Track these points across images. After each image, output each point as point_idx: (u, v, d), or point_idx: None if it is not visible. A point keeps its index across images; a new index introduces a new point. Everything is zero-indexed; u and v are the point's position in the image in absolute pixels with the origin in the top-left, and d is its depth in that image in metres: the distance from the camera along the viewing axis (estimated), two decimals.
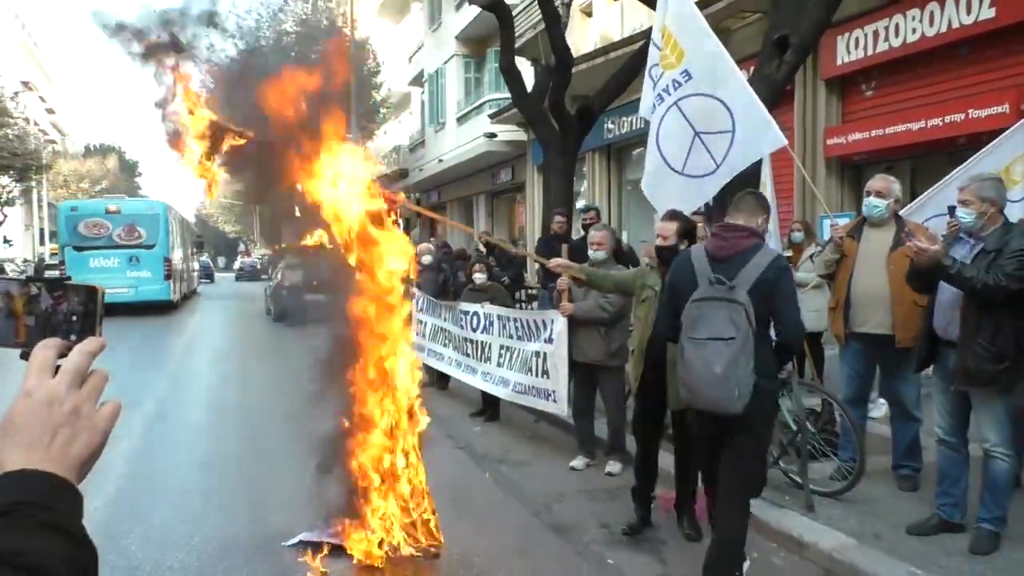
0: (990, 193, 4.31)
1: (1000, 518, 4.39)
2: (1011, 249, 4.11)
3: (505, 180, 24.61)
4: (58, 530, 0.80)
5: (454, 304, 8.55)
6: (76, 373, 0.89)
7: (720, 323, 3.66)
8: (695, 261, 3.91)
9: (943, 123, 9.74)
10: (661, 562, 4.65)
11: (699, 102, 6.06)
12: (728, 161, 5.96)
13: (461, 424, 8.26)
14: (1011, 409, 4.33)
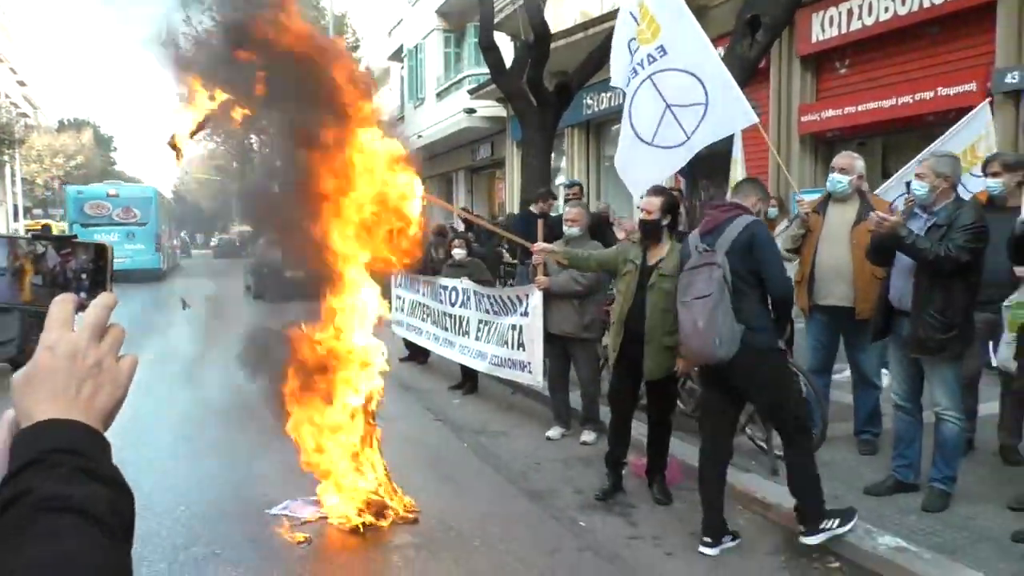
0: (944, 169, 4.48)
1: (950, 478, 4.62)
2: (961, 223, 4.29)
3: (485, 156, 24.65)
4: (96, 476, 0.81)
5: (432, 279, 8.68)
6: (96, 327, 0.90)
7: (701, 284, 4.20)
8: (691, 240, 4.47)
9: (913, 100, 9.96)
10: (631, 525, 4.84)
11: (673, 77, 6.18)
12: (698, 134, 6.10)
13: (440, 397, 8.42)
14: (960, 375, 4.55)
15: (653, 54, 6.28)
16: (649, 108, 6.34)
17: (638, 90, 6.38)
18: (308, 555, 4.39)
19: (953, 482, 4.63)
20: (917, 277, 4.46)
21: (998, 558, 3.93)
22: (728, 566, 4.24)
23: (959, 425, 4.56)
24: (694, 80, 6.08)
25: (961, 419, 4.57)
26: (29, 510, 0.75)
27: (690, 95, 6.11)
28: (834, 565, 4.22)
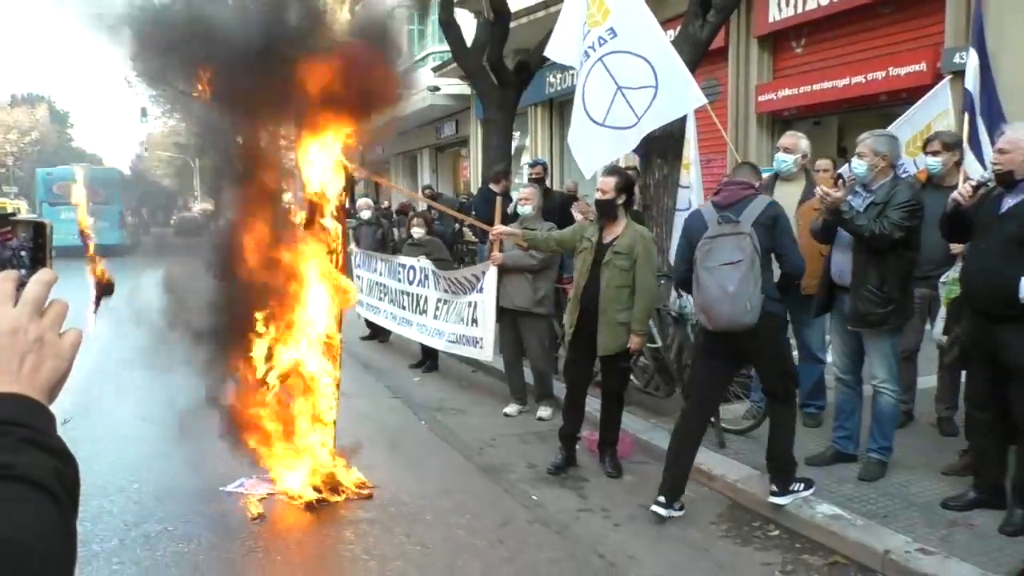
0: (883, 148, 4.61)
1: (886, 448, 4.79)
2: (897, 201, 4.43)
3: (449, 134, 24.56)
4: (40, 446, 0.82)
5: (390, 257, 8.71)
6: (36, 302, 0.90)
7: (728, 251, 4.28)
8: (704, 213, 4.60)
9: (866, 80, 10.13)
10: (582, 497, 4.96)
11: (623, 59, 6.25)
12: (649, 116, 6.18)
13: (400, 375, 8.48)
14: (897, 348, 4.72)
15: (604, 36, 6.34)
16: (600, 90, 6.40)
17: (590, 72, 6.44)
18: (261, 531, 4.44)
19: (889, 452, 4.80)
20: (856, 253, 4.60)
21: (926, 523, 4.11)
22: (672, 536, 4.37)
23: (894, 397, 4.72)
24: (644, 63, 6.16)
25: (897, 391, 4.74)
26: None
27: (640, 78, 6.18)
28: (774, 533, 4.38)
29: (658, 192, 7.12)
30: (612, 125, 6.34)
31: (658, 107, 6.15)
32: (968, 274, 4.15)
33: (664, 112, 6.22)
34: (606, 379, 5.41)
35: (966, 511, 4.20)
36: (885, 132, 4.87)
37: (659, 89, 6.11)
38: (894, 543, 3.92)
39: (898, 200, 4.41)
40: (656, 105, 6.14)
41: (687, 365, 6.20)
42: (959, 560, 3.70)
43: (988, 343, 4.01)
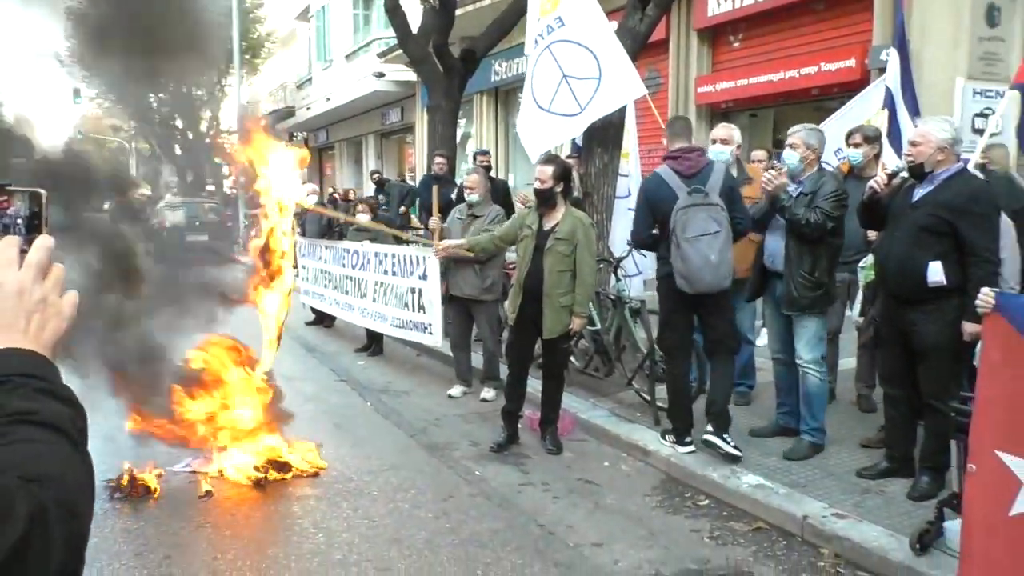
0: (813, 141, 4.87)
1: (818, 429, 4.99)
2: (826, 192, 4.69)
3: (395, 121, 24.45)
4: (55, 395, 0.88)
5: (334, 243, 8.77)
6: (40, 266, 0.95)
7: (703, 222, 4.71)
8: (667, 179, 4.91)
9: (800, 75, 10.50)
10: (523, 472, 5.15)
11: (569, 48, 6.44)
12: (592, 106, 6.39)
13: (345, 359, 8.56)
14: (823, 330, 4.98)
15: (552, 24, 6.52)
16: (547, 76, 6.58)
17: (539, 59, 6.61)
18: (210, 507, 4.53)
19: (822, 433, 5.00)
20: (789, 241, 4.85)
21: (842, 491, 4.41)
22: (608, 507, 4.60)
23: (819, 377, 4.95)
24: (589, 54, 6.36)
25: (822, 371, 4.98)
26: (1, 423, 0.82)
27: (585, 68, 6.38)
28: (703, 502, 4.63)
29: (599, 180, 7.32)
30: (557, 112, 6.53)
31: (601, 99, 6.36)
32: (881, 259, 4.44)
33: (606, 103, 6.43)
34: (547, 360, 5.61)
35: (878, 479, 4.51)
36: (815, 126, 5.11)
37: (602, 81, 6.32)
38: (812, 509, 4.20)
39: (826, 191, 4.68)
40: (599, 97, 6.35)
41: (625, 347, 6.45)
42: (870, 523, 4.00)
43: (900, 324, 4.30)
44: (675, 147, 5.16)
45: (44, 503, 0.74)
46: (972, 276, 3.97)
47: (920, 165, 4.15)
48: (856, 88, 8.60)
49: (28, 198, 1.03)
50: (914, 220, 4.17)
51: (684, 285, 4.83)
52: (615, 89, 6.44)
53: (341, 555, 3.93)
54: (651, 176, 5.21)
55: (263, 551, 3.99)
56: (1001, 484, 2.75)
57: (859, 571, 3.72)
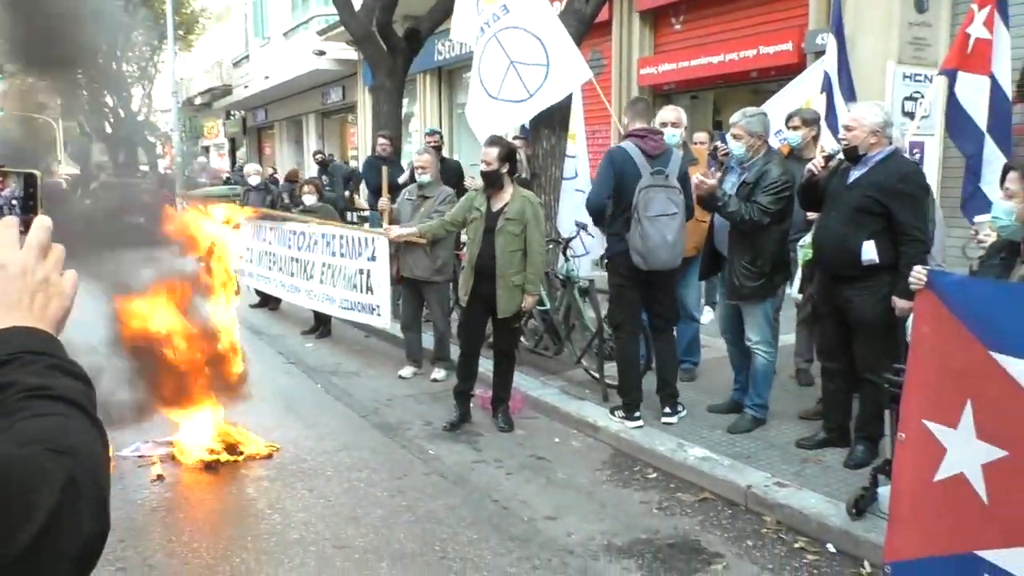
0: (757, 128, 4.92)
1: (761, 405, 5.17)
2: (767, 181, 4.76)
3: (336, 100, 24.12)
4: (66, 371, 0.89)
5: (278, 224, 8.68)
6: (41, 246, 0.96)
7: (663, 203, 4.95)
8: (634, 156, 5.06)
9: (739, 58, 10.71)
10: (476, 450, 5.24)
11: (515, 34, 6.49)
12: (541, 93, 6.46)
13: (293, 341, 8.52)
14: (769, 313, 5.08)
15: (497, 13, 6.57)
16: (495, 63, 6.62)
17: (486, 47, 6.64)
18: (162, 491, 4.51)
19: (764, 409, 5.18)
20: (731, 232, 4.96)
21: (783, 461, 4.61)
22: (560, 481, 4.72)
23: (767, 357, 5.06)
24: (536, 41, 6.42)
25: (770, 352, 5.08)
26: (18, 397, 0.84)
27: (532, 55, 6.45)
28: (652, 475, 4.79)
29: (546, 162, 7.41)
30: (505, 99, 6.58)
31: (550, 86, 6.45)
32: (818, 239, 4.62)
33: (555, 90, 6.51)
34: (499, 339, 5.69)
35: (817, 449, 4.73)
36: (757, 110, 5.15)
37: (550, 68, 6.40)
38: (755, 479, 4.39)
39: (767, 180, 4.74)
40: (548, 84, 6.43)
41: (574, 325, 6.57)
42: (810, 491, 4.20)
43: (835, 301, 4.50)
44: (637, 126, 5.30)
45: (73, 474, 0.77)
46: (903, 255, 4.16)
47: (854, 148, 4.32)
48: (793, 71, 8.83)
49: (22, 179, 1.04)
50: (849, 201, 4.35)
51: (640, 262, 5.01)
52: (563, 75, 6.52)
53: (298, 535, 3.97)
54: (617, 149, 5.27)
55: (219, 533, 4.00)
56: (928, 451, 2.93)
57: (799, 536, 3.91)
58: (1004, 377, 2.62)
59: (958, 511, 2.82)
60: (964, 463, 2.80)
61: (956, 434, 2.83)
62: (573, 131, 7.80)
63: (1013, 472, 2.63)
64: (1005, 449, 2.65)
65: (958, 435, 2.82)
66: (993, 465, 2.69)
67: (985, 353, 2.70)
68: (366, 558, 3.74)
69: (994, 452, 2.68)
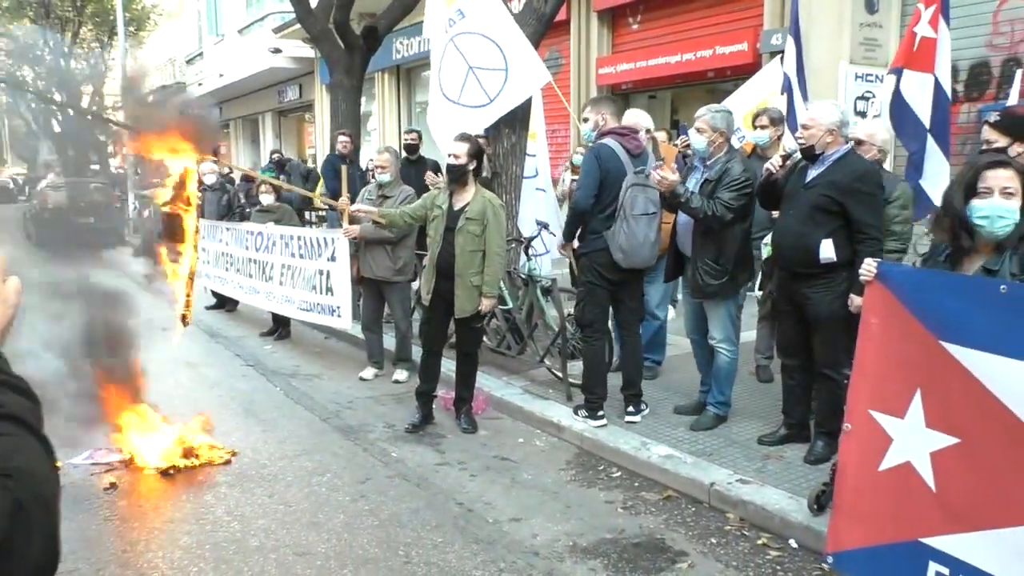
0: (720, 124, 4.90)
1: (722, 403, 5.20)
2: (729, 178, 4.77)
3: (293, 98, 23.83)
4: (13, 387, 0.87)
5: (236, 225, 8.53)
6: None
7: (644, 203, 5.02)
8: (620, 154, 5.10)
9: (696, 57, 10.81)
10: (440, 452, 5.19)
11: (472, 39, 6.47)
12: (501, 98, 6.46)
13: (251, 343, 8.37)
14: (731, 311, 5.08)
15: (453, 17, 6.55)
16: (454, 69, 6.60)
17: (444, 52, 6.61)
18: (116, 500, 4.38)
19: (727, 406, 5.21)
20: (693, 230, 4.97)
21: (745, 458, 4.65)
22: (525, 482, 4.69)
23: (729, 355, 5.06)
24: (493, 46, 6.40)
25: (732, 350, 5.08)
26: None
27: (491, 59, 6.43)
28: (616, 474, 4.79)
29: (507, 160, 7.38)
30: (466, 104, 6.55)
31: (509, 90, 6.45)
32: (777, 237, 4.66)
33: (515, 95, 6.52)
34: (460, 339, 5.64)
35: (778, 445, 4.78)
36: (721, 107, 5.14)
37: (509, 72, 6.39)
38: (718, 476, 4.41)
39: (730, 177, 4.75)
40: (508, 88, 6.43)
41: (537, 325, 6.55)
42: (772, 487, 4.24)
43: (795, 298, 4.54)
44: (615, 125, 5.33)
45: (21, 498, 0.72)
46: (860, 252, 4.20)
47: (811, 147, 4.36)
48: (749, 71, 8.95)
49: None
50: (807, 200, 4.39)
51: (622, 259, 5.06)
52: (522, 79, 6.52)
53: (258, 542, 3.89)
54: (601, 146, 5.21)
55: (175, 542, 3.90)
56: (873, 441, 2.97)
57: (763, 533, 3.94)
58: (956, 366, 2.67)
59: (903, 500, 2.86)
60: (911, 452, 2.84)
61: (903, 423, 2.87)
62: (533, 130, 7.80)
63: (964, 458, 2.67)
64: (957, 436, 2.69)
65: (905, 424, 2.86)
66: (943, 452, 2.74)
67: (936, 343, 2.74)
68: (328, 565, 3.68)
69: (945, 440, 2.73)
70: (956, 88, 8.02)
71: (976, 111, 8.18)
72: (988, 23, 8.16)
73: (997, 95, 7.74)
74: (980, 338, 2.58)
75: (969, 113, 8.30)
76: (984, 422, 2.57)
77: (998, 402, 2.52)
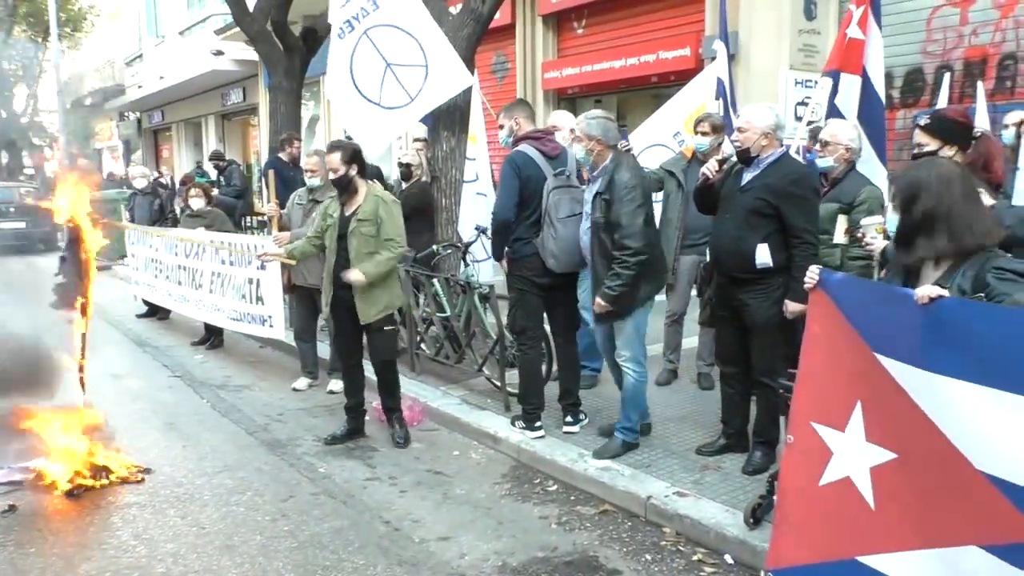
0: (595, 132, 4.58)
1: (629, 428, 4.76)
2: (618, 192, 4.42)
3: (237, 101, 23.31)
4: None
5: (166, 231, 8.20)
6: None
7: (570, 204, 4.83)
8: (536, 159, 4.98)
9: (639, 62, 10.78)
10: (370, 467, 4.97)
11: (389, 33, 6.20)
12: (423, 97, 6.20)
13: (181, 353, 8.04)
14: (641, 327, 4.73)
15: (366, 7, 6.25)
16: (370, 66, 6.30)
17: (357, 46, 6.30)
18: (12, 523, 4.08)
19: (632, 432, 4.79)
20: (591, 254, 4.66)
21: (683, 469, 4.52)
22: (457, 497, 4.50)
23: (636, 377, 4.68)
24: (411, 40, 6.15)
25: (639, 371, 4.69)
26: None
27: (409, 56, 6.16)
28: (552, 488, 4.63)
29: (446, 164, 7.20)
30: (387, 105, 6.30)
31: (431, 88, 6.20)
32: (714, 242, 4.56)
33: (436, 94, 6.28)
34: (371, 347, 5.35)
35: (716, 455, 4.67)
36: (599, 113, 4.79)
37: (429, 68, 6.14)
38: (655, 489, 4.28)
39: (619, 189, 4.43)
40: (428, 86, 6.18)
41: (475, 332, 6.37)
42: (709, 499, 4.11)
43: (732, 304, 4.44)
44: (530, 128, 5.15)
45: None
46: (795, 257, 4.13)
47: (747, 150, 4.27)
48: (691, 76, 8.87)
49: None
50: (742, 203, 4.29)
51: (555, 264, 4.89)
52: (443, 79, 6.28)
53: (164, 568, 3.63)
54: (517, 154, 5.03)
55: (73, 569, 3.61)
56: (815, 454, 2.86)
57: (698, 548, 3.81)
58: (889, 380, 2.56)
59: (842, 516, 2.75)
60: (851, 466, 2.73)
61: (844, 437, 2.76)
62: (473, 133, 7.63)
63: (901, 475, 2.57)
64: (895, 452, 2.59)
65: (846, 438, 2.75)
66: (882, 468, 2.63)
67: (871, 354, 2.63)
68: None
69: (884, 455, 2.62)
70: (892, 94, 8.10)
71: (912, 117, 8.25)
72: (922, 30, 8.26)
73: (931, 101, 7.80)
74: (906, 351, 2.48)
75: (905, 119, 8.38)
76: (916, 437, 2.47)
77: (926, 417, 2.41)
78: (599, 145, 4.59)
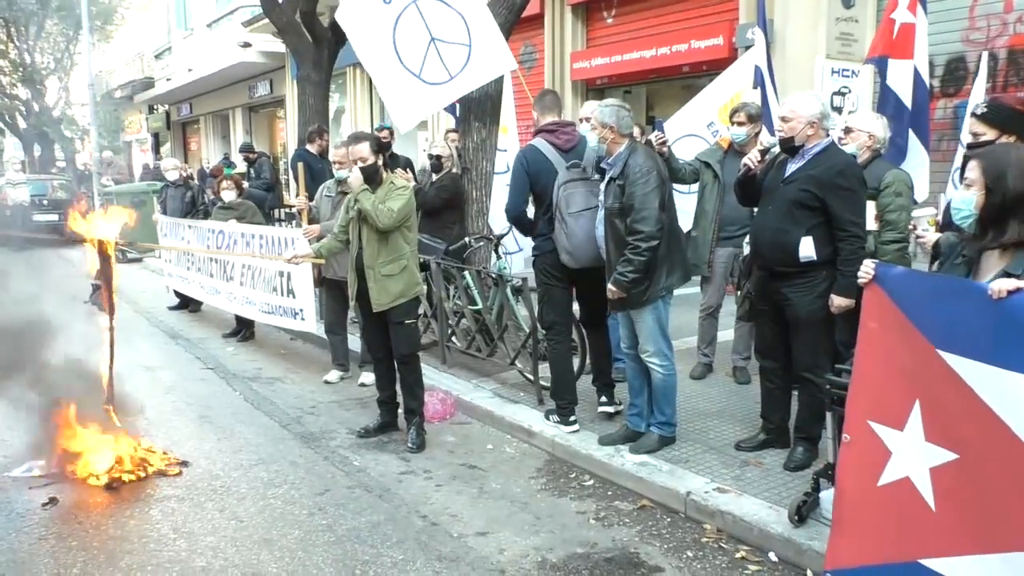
0: (608, 119, 4.48)
1: (665, 423, 4.67)
2: (632, 175, 4.34)
3: (264, 93, 23.42)
4: None
5: (198, 223, 8.23)
6: None
7: (584, 197, 4.69)
8: (547, 153, 4.93)
9: (671, 52, 10.64)
10: (404, 461, 4.95)
11: (437, 7, 6.12)
12: (463, 77, 6.12)
13: (213, 345, 8.07)
14: (662, 319, 4.63)
15: None
16: (415, 38, 6.19)
17: (402, 14, 6.19)
18: (54, 516, 4.09)
19: (671, 427, 4.72)
20: (606, 243, 4.57)
21: (723, 464, 4.45)
22: (493, 492, 4.47)
23: (662, 371, 4.57)
24: (459, 17, 6.08)
25: (665, 365, 4.58)
26: None
27: (454, 33, 6.09)
28: (588, 483, 4.57)
29: (477, 155, 7.15)
30: (427, 80, 6.22)
31: (472, 69, 6.11)
32: (755, 234, 4.46)
33: (477, 75, 6.20)
34: (392, 343, 5.21)
35: (756, 451, 4.58)
36: (613, 102, 4.67)
37: (472, 49, 6.06)
38: (695, 485, 4.21)
39: (632, 177, 4.34)
40: (470, 67, 6.10)
41: (507, 325, 6.32)
42: (750, 496, 4.04)
43: (773, 297, 4.34)
44: (547, 121, 5.07)
45: None
46: (840, 251, 4.04)
47: (791, 139, 4.16)
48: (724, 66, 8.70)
49: None
50: (786, 195, 4.19)
51: (569, 260, 4.80)
52: (486, 60, 6.20)
53: (204, 561, 3.62)
54: (528, 148, 5.08)
55: (115, 563, 3.62)
56: (872, 454, 2.78)
57: (741, 545, 3.74)
58: (954, 378, 2.47)
59: (903, 517, 2.67)
60: (911, 467, 2.65)
61: (903, 436, 2.68)
62: (505, 124, 7.57)
63: (963, 476, 2.48)
64: (955, 452, 2.50)
65: (905, 437, 2.67)
66: (942, 469, 2.55)
67: (934, 352, 2.54)
68: None
69: (944, 455, 2.54)
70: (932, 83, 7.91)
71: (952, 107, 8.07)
72: (965, 17, 8.06)
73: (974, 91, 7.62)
74: (975, 348, 2.39)
75: (945, 108, 8.19)
76: (982, 438, 2.38)
77: (996, 416, 2.32)
78: (612, 133, 4.49)
